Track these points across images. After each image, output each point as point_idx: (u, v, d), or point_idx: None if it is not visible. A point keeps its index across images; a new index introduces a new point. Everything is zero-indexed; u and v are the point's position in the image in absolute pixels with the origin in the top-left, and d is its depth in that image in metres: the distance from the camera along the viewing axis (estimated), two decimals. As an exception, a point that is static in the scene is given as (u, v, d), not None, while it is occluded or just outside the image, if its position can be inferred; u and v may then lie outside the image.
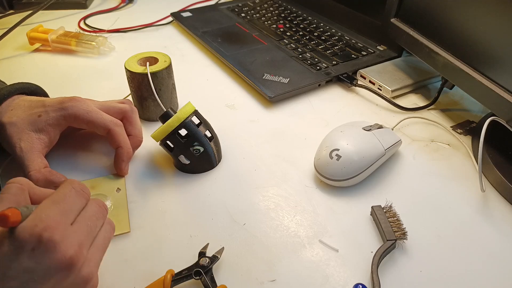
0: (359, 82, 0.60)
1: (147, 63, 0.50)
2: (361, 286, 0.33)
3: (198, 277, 0.33)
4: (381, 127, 0.46)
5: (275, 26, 0.77)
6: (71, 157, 0.48)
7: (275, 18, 0.80)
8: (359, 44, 0.69)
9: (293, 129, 0.52)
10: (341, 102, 0.58)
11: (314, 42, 0.70)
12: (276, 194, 0.43)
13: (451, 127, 0.52)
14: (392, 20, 0.58)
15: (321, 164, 0.43)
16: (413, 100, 0.58)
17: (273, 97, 0.55)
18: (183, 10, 0.84)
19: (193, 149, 0.43)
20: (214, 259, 0.35)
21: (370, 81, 0.60)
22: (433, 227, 0.39)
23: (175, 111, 0.44)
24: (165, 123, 0.42)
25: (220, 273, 0.35)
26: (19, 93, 0.45)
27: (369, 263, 0.35)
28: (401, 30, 0.56)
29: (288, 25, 0.77)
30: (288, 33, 0.73)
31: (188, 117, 0.43)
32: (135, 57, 0.51)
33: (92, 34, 0.74)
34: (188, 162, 0.44)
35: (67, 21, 0.84)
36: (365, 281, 0.34)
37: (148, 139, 0.50)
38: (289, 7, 0.85)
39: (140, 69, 0.49)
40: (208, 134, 0.45)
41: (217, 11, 0.84)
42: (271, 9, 0.85)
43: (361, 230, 0.39)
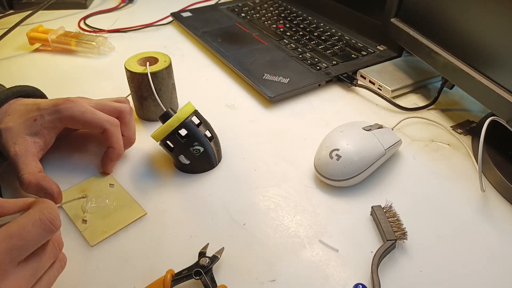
0: (359, 82, 0.60)
1: (147, 63, 0.50)
2: (361, 286, 0.33)
3: (198, 277, 0.33)
4: (381, 127, 0.46)
5: (275, 26, 0.77)
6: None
7: (275, 18, 0.80)
8: (359, 44, 0.69)
9: (293, 129, 0.52)
10: (341, 102, 0.58)
11: (314, 42, 0.70)
12: (276, 194, 0.43)
13: (451, 127, 0.52)
14: (392, 20, 0.58)
15: (321, 164, 0.43)
16: (413, 100, 0.58)
17: (273, 97, 0.55)
18: (183, 10, 0.84)
19: (193, 149, 0.43)
20: (214, 259, 0.35)
21: (370, 81, 0.60)
22: (433, 227, 0.39)
23: (175, 111, 0.44)
24: (165, 123, 0.42)
25: (220, 273, 0.35)
26: (16, 97, 0.45)
27: (369, 263, 0.35)
28: (401, 30, 0.56)
29: (288, 25, 0.77)
30: (288, 33, 0.73)
31: (188, 117, 0.43)
32: (135, 57, 0.51)
33: (92, 34, 0.74)
34: (188, 162, 0.44)
35: (67, 21, 0.84)
36: (365, 281, 0.34)
37: (148, 139, 0.50)
38: (289, 7, 0.85)
39: (140, 69, 0.49)
40: (208, 134, 0.45)
41: (217, 11, 0.84)
42: (271, 9, 0.85)
43: (361, 230, 0.39)
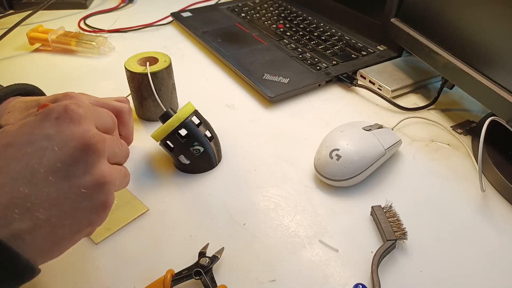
0: (359, 82, 0.60)
1: (147, 63, 0.50)
2: (361, 286, 0.33)
3: (198, 277, 0.33)
4: (381, 127, 0.46)
5: (275, 26, 0.77)
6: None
7: (275, 18, 0.80)
8: (359, 44, 0.69)
9: (293, 129, 0.52)
10: (341, 102, 0.58)
11: (314, 42, 0.70)
12: (276, 194, 0.43)
13: (451, 127, 0.52)
14: (392, 20, 0.58)
15: (321, 164, 0.43)
16: (413, 100, 0.58)
17: (273, 97, 0.55)
18: (183, 10, 0.84)
19: (193, 149, 0.43)
20: (214, 259, 0.35)
21: (370, 81, 0.60)
22: (433, 227, 0.39)
23: (175, 111, 0.44)
24: (165, 123, 0.42)
25: (220, 273, 0.35)
26: (15, 95, 0.45)
27: (369, 263, 0.35)
28: (401, 30, 0.56)
29: (288, 25, 0.77)
30: (288, 33, 0.73)
31: (188, 117, 0.43)
32: (135, 57, 0.51)
33: (92, 34, 0.74)
34: (188, 162, 0.44)
35: (67, 21, 0.84)
36: (365, 281, 0.34)
37: (148, 139, 0.50)
38: (289, 7, 0.85)
39: (140, 69, 0.49)
40: (208, 134, 0.45)
41: (217, 11, 0.84)
42: (271, 9, 0.85)
43: (361, 230, 0.39)
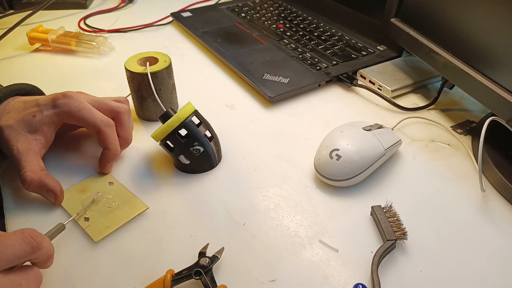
0: (359, 82, 0.60)
1: (147, 63, 0.50)
2: (361, 286, 0.33)
3: (198, 277, 0.33)
4: (381, 127, 0.46)
5: (275, 26, 0.77)
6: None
7: (275, 18, 0.80)
8: (359, 44, 0.69)
9: (293, 129, 0.52)
10: (341, 102, 0.58)
11: (314, 42, 0.70)
12: (276, 194, 0.43)
13: (451, 127, 0.52)
14: (392, 20, 0.58)
15: (321, 164, 0.43)
16: (413, 100, 0.58)
17: (273, 97, 0.55)
18: (183, 10, 0.84)
19: (193, 149, 0.43)
20: (214, 259, 0.35)
21: (370, 81, 0.60)
22: (433, 227, 0.39)
23: (175, 111, 0.44)
24: (165, 123, 0.42)
25: (220, 273, 0.35)
26: (14, 95, 0.45)
27: (369, 263, 0.35)
28: (401, 30, 0.56)
29: (288, 25, 0.77)
30: (288, 33, 0.73)
31: (188, 117, 0.43)
32: (135, 57, 0.51)
33: (92, 34, 0.74)
34: (188, 162, 0.44)
35: (67, 21, 0.84)
36: (365, 281, 0.34)
37: (148, 139, 0.50)
38: (289, 7, 0.85)
39: (140, 69, 0.49)
40: (208, 134, 0.45)
41: (217, 11, 0.84)
42: (271, 9, 0.85)
43: (361, 230, 0.39)
